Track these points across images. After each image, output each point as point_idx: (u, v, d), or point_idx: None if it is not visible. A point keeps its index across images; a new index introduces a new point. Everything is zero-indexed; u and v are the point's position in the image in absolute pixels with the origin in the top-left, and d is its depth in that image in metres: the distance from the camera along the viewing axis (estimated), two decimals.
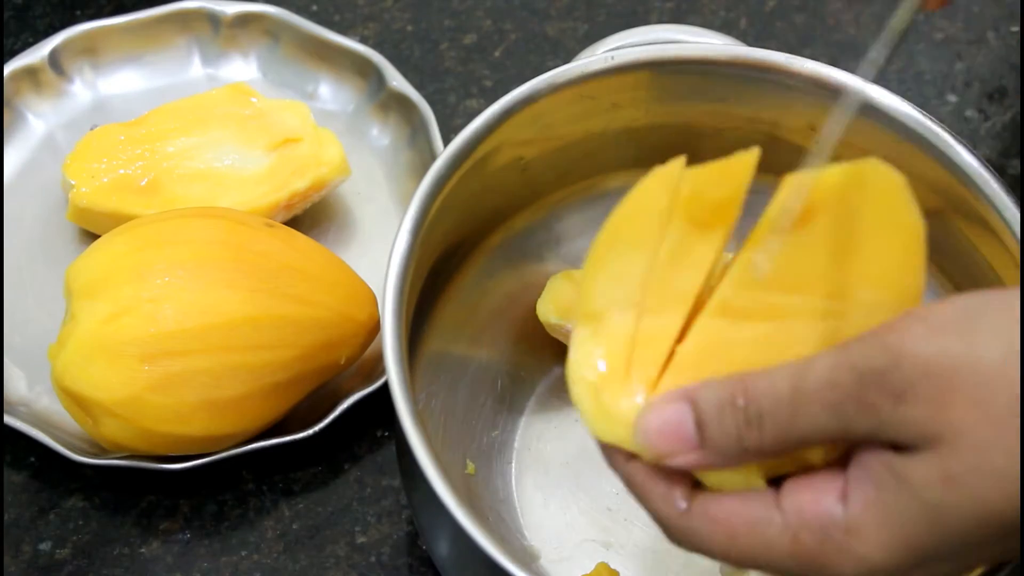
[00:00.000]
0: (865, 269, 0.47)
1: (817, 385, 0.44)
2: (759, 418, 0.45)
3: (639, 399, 0.47)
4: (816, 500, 0.45)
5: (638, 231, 0.48)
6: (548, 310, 0.68)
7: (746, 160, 0.47)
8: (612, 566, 0.64)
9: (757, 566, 0.47)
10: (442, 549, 0.60)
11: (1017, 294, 0.44)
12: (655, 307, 0.48)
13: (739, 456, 0.46)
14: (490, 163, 0.64)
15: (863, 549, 0.44)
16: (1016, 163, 0.79)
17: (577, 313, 0.48)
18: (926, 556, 0.44)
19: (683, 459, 0.46)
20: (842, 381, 0.44)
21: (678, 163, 0.47)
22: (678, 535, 0.47)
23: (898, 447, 0.44)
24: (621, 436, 0.47)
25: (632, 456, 0.47)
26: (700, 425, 0.46)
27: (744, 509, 0.46)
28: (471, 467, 0.66)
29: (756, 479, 0.46)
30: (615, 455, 0.48)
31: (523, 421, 0.69)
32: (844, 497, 0.45)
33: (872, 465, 0.44)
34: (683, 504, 0.47)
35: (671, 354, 0.48)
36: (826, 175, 0.47)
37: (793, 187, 0.47)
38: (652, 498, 0.47)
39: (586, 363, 0.48)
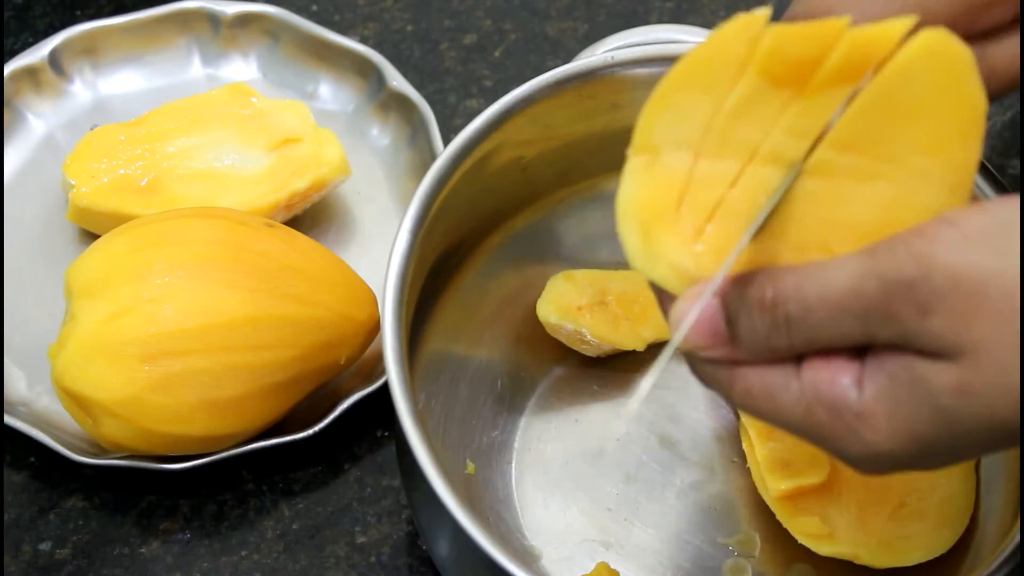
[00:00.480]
0: (922, 136, 0.46)
1: (843, 293, 0.45)
2: (787, 322, 0.46)
3: (685, 241, 0.47)
4: (833, 380, 0.46)
5: (710, 75, 0.47)
6: (548, 310, 0.68)
7: (834, 26, 0.46)
8: (612, 566, 0.64)
9: (768, 422, 0.48)
10: (442, 549, 0.60)
11: None
12: (713, 152, 0.47)
13: (768, 354, 0.47)
14: (490, 163, 0.64)
15: (870, 435, 0.45)
16: (1016, 163, 0.79)
17: (633, 143, 0.47)
18: (929, 450, 0.45)
19: (715, 352, 0.47)
20: (868, 291, 0.44)
21: (763, 13, 0.46)
22: (699, 375, 0.49)
23: (919, 351, 0.44)
24: (662, 275, 0.48)
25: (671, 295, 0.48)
26: (731, 323, 0.47)
27: (766, 372, 0.47)
28: (471, 467, 0.66)
29: None
30: (658, 291, 0.49)
31: (523, 421, 0.69)
32: (860, 382, 0.46)
33: (890, 361, 0.45)
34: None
35: (722, 200, 0.48)
36: (887, 31, 0.46)
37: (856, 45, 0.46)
38: (682, 344, 0.48)
39: (637, 196, 0.48)
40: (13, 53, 0.81)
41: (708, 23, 0.83)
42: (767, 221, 0.47)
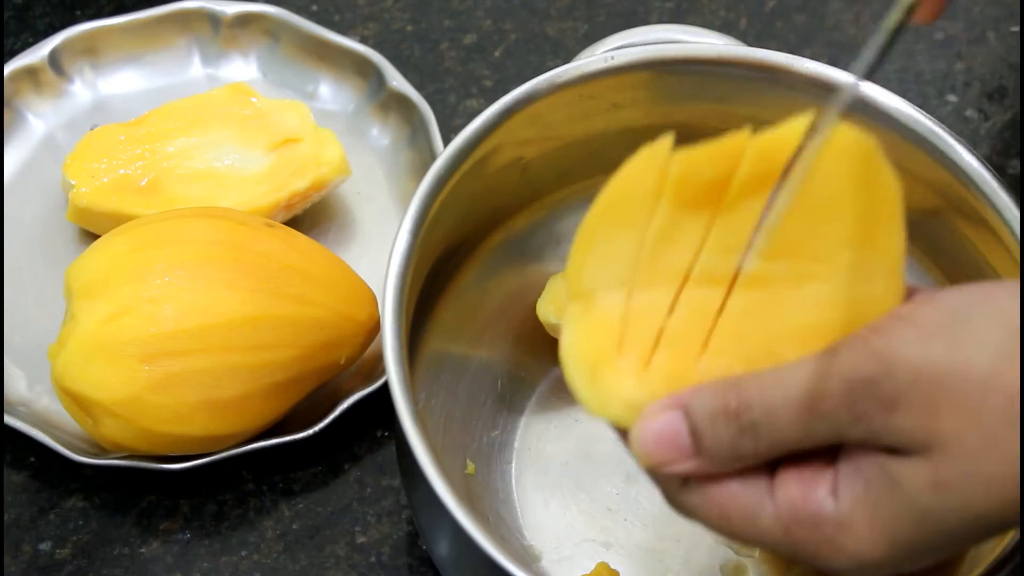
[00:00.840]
0: (845, 231, 0.47)
1: (807, 395, 0.45)
2: (753, 427, 0.46)
3: (633, 376, 0.48)
4: (807, 495, 0.46)
5: (626, 212, 0.48)
6: (548, 310, 0.68)
7: (735, 142, 0.47)
8: (612, 566, 0.64)
9: (750, 544, 0.48)
10: (442, 549, 0.60)
11: (1003, 289, 0.44)
12: (645, 284, 0.48)
13: (735, 462, 0.46)
14: (490, 163, 0.64)
15: (853, 545, 0.45)
16: (1016, 163, 0.79)
17: (568, 293, 0.48)
18: (914, 551, 0.45)
19: (680, 467, 0.47)
20: (832, 391, 0.44)
21: (665, 143, 0.47)
22: (676, 505, 0.48)
23: (889, 449, 0.44)
24: (616, 414, 0.48)
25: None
26: (695, 434, 0.46)
27: (740, 493, 0.47)
28: (471, 467, 0.66)
29: None
30: (619, 430, 0.49)
31: (523, 421, 0.69)
32: (835, 491, 0.45)
33: (863, 463, 0.45)
34: (682, 480, 0.48)
35: (662, 329, 0.48)
36: (788, 131, 0.46)
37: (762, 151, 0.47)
38: (653, 473, 0.48)
39: (579, 342, 0.48)
40: (13, 53, 0.81)
41: (708, 23, 0.83)
42: (695, 335, 0.48)
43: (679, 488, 0.48)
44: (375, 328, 0.69)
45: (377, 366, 0.71)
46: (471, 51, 0.82)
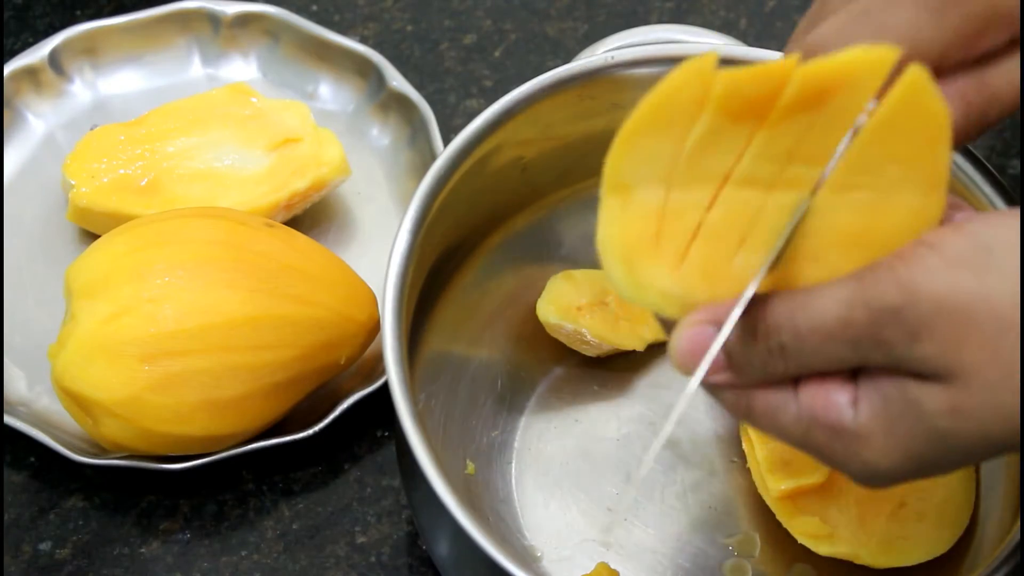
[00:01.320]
0: (893, 150, 0.47)
1: (833, 322, 0.46)
2: (781, 349, 0.47)
3: (669, 267, 0.48)
4: (829, 402, 0.47)
5: (668, 116, 0.48)
6: (548, 310, 0.68)
7: (783, 65, 0.47)
8: (612, 566, 0.64)
9: (771, 437, 0.50)
10: (442, 549, 0.60)
11: None
12: (684, 183, 0.48)
13: (765, 379, 0.48)
14: (490, 163, 0.64)
15: (868, 454, 0.47)
16: (1016, 163, 0.79)
17: (605, 185, 0.48)
18: (925, 465, 0.47)
19: (714, 378, 0.49)
20: (857, 319, 0.45)
21: (710, 58, 0.47)
22: (708, 389, 0.50)
23: (911, 373, 0.46)
24: (654, 302, 0.49)
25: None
26: (727, 350, 0.48)
27: (766, 391, 0.48)
28: (471, 467, 0.66)
29: None
30: (657, 317, 0.51)
31: (523, 421, 0.69)
32: (855, 403, 0.47)
33: (884, 382, 0.46)
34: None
35: (700, 224, 0.48)
36: (837, 62, 0.46)
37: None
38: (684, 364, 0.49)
39: (616, 233, 0.48)
40: (13, 53, 0.81)
41: (708, 23, 0.83)
42: (734, 232, 0.48)
43: (712, 372, 0.49)
44: (375, 328, 0.69)
45: (377, 366, 0.71)
46: (471, 51, 0.82)
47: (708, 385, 0.49)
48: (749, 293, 0.47)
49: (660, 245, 0.48)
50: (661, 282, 0.48)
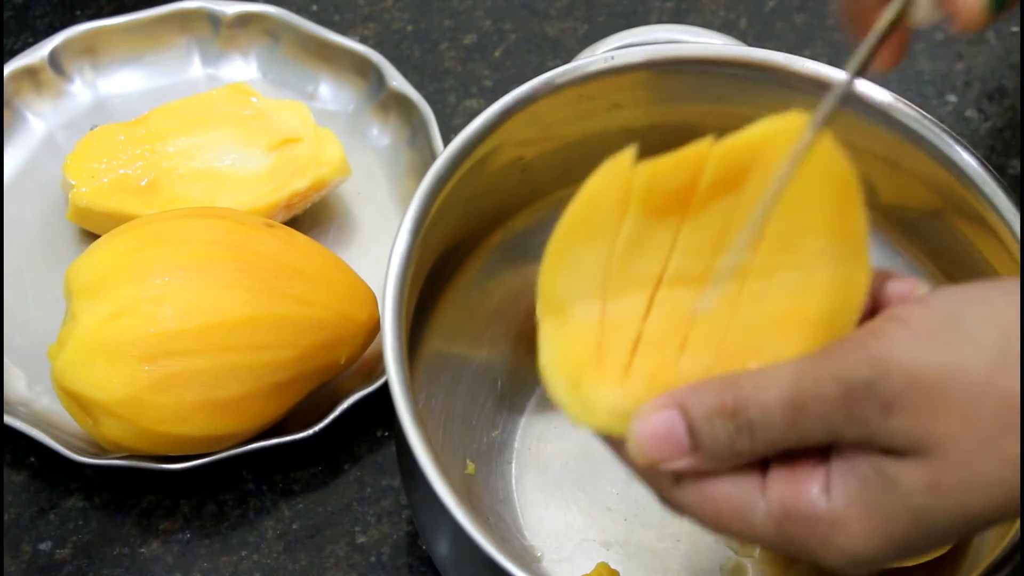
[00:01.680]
0: (807, 220, 0.47)
1: (803, 397, 0.45)
2: (749, 426, 0.46)
3: (614, 383, 0.48)
4: (799, 493, 0.46)
5: (593, 225, 0.48)
6: None
7: (698, 149, 0.47)
8: (612, 566, 0.64)
9: (744, 541, 0.48)
10: (442, 549, 0.60)
11: (995, 289, 0.45)
12: (618, 292, 0.48)
13: (732, 459, 0.47)
14: (490, 163, 0.64)
15: (846, 542, 0.46)
16: (1016, 163, 0.79)
17: (540, 308, 0.49)
18: (908, 547, 0.46)
19: (677, 464, 0.47)
20: (829, 394, 0.45)
21: (627, 155, 0.47)
22: (669, 503, 0.49)
23: (885, 450, 0.45)
24: (602, 422, 0.48)
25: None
26: (692, 432, 0.47)
27: (732, 491, 0.47)
28: (471, 467, 0.66)
29: None
30: (607, 438, 0.50)
31: (523, 421, 0.69)
32: (827, 489, 0.46)
33: (858, 462, 0.45)
34: (674, 478, 0.48)
35: (640, 334, 0.48)
36: (750, 136, 0.47)
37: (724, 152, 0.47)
38: (646, 473, 0.49)
39: (557, 356, 0.49)
40: (13, 53, 0.81)
41: (708, 23, 0.83)
42: (673, 337, 0.48)
43: (671, 486, 0.48)
44: (375, 328, 0.69)
45: (377, 366, 0.71)
46: (471, 51, 0.82)
47: (675, 494, 0.48)
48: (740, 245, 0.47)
49: (603, 362, 0.48)
50: (609, 400, 0.48)
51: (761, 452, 0.46)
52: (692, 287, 0.48)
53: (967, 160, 0.61)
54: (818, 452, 0.46)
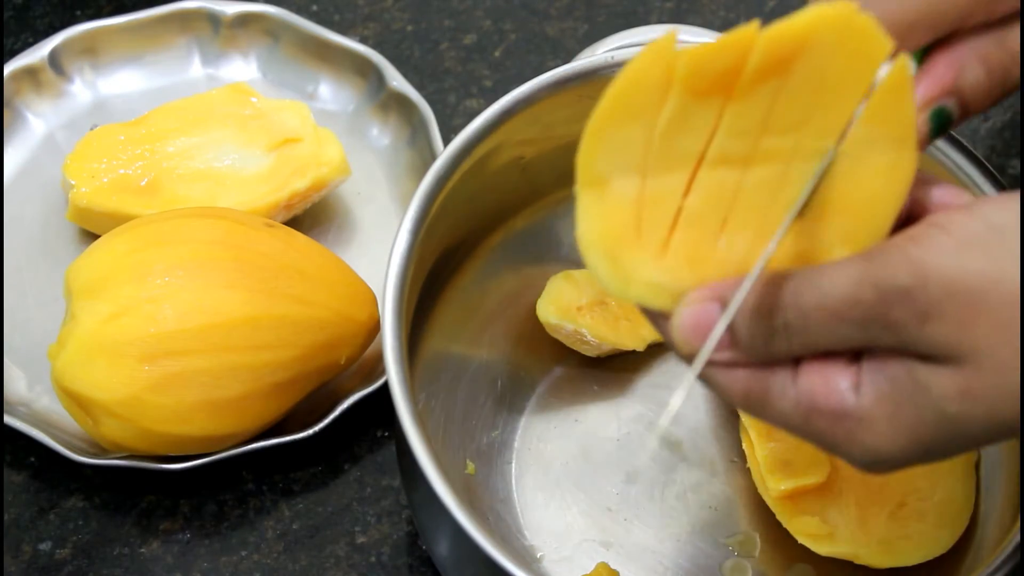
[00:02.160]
0: (854, 106, 0.47)
1: (841, 301, 0.45)
2: (786, 328, 0.46)
3: (653, 256, 0.48)
4: (829, 386, 0.46)
5: (635, 102, 0.47)
6: (548, 310, 0.68)
7: (744, 34, 0.46)
8: (612, 566, 0.64)
9: (771, 424, 0.48)
10: (442, 549, 0.60)
11: None
12: (659, 169, 0.48)
13: (768, 357, 0.47)
14: (490, 163, 0.64)
15: (871, 440, 0.46)
16: (1016, 163, 0.79)
17: (579, 180, 0.48)
18: (931, 451, 0.46)
19: (717, 356, 0.48)
20: (866, 298, 0.45)
21: (669, 39, 0.47)
22: (702, 376, 0.49)
23: (919, 356, 0.45)
24: (640, 294, 0.48)
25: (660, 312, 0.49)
26: (731, 328, 0.47)
27: (763, 376, 0.47)
28: (471, 467, 0.66)
29: None
30: (644, 309, 0.50)
31: (523, 421, 0.69)
32: (857, 386, 0.46)
33: (890, 364, 0.45)
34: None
35: (680, 210, 0.48)
36: (797, 23, 0.46)
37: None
38: (682, 346, 0.49)
39: (596, 227, 0.48)
40: (13, 53, 0.81)
41: (708, 23, 0.83)
42: (714, 214, 0.48)
43: (708, 364, 0.48)
44: (375, 328, 0.69)
45: (377, 366, 0.71)
46: (471, 51, 0.82)
47: (707, 370, 0.48)
48: (757, 269, 0.47)
49: (641, 235, 0.48)
50: (647, 273, 0.48)
51: (798, 352, 0.47)
52: (736, 167, 0.48)
53: (967, 160, 0.61)
54: (852, 352, 0.47)
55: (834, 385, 0.46)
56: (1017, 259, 0.44)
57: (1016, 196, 0.45)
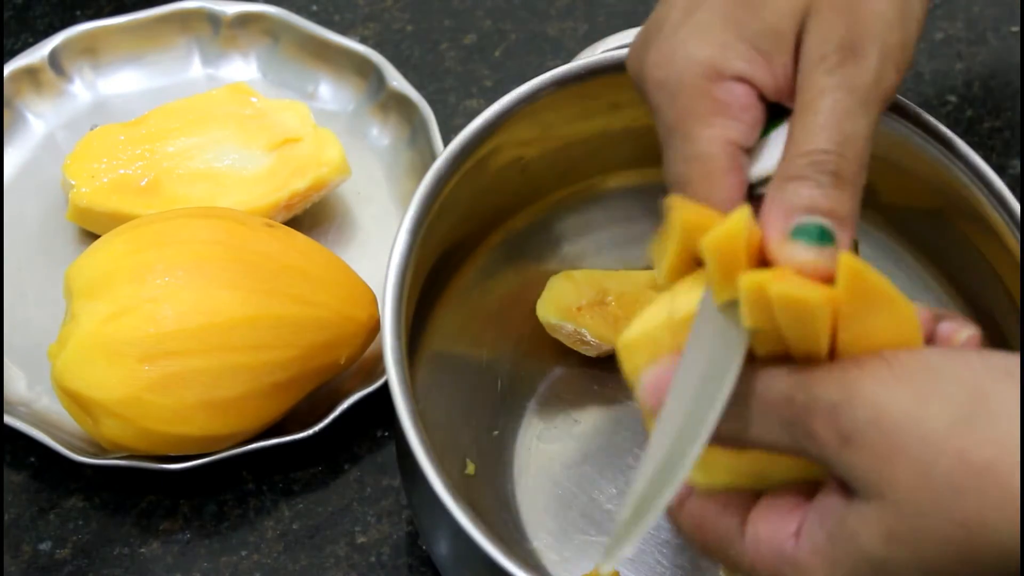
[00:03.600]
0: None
1: (775, 396, 0.46)
2: (735, 409, 0.46)
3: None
4: (773, 535, 0.47)
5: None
6: (548, 310, 0.68)
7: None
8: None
9: (727, 567, 0.50)
10: (442, 549, 0.60)
11: (988, 359, 0.45)
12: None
13: (722, 435, 0.47)
14: (490, 163, 0.64)
15: None
16: (1016, 163, 0.79)
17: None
18: None
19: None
20: (798, 401, 0.46)
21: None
22: (671, 521, 0.50)
23: (847, 486, 0.45)
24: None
25: None
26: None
27: (717, 521, 0.49)
28: (471, 467, 0.66)
29: (741, 479, 0.49)
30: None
31: (523, 421, 0.69)
32: (799, 534, 0.47)
33: (826, 512, 0.46)
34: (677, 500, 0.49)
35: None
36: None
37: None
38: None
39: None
40: (13, 53, 0.81)
41: None
42: None
43: (678, 507, 0.49)
44: (375, 328, 0.69)
45: (377, 366, 0.71)
46: (471, 51, 0.82)
47: (673, 511, 0.49)
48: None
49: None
50: None
51: (736, 435, 0.47)
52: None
53: (967, 160, 0.61)
54: (803, 494, 0.47)
55: (781, 529, 0.47)
56: (946, 405, 0.44)
57: (965, 352, 0.46)
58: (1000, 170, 0.78)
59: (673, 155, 0.51)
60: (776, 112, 0.52)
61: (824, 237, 0.47)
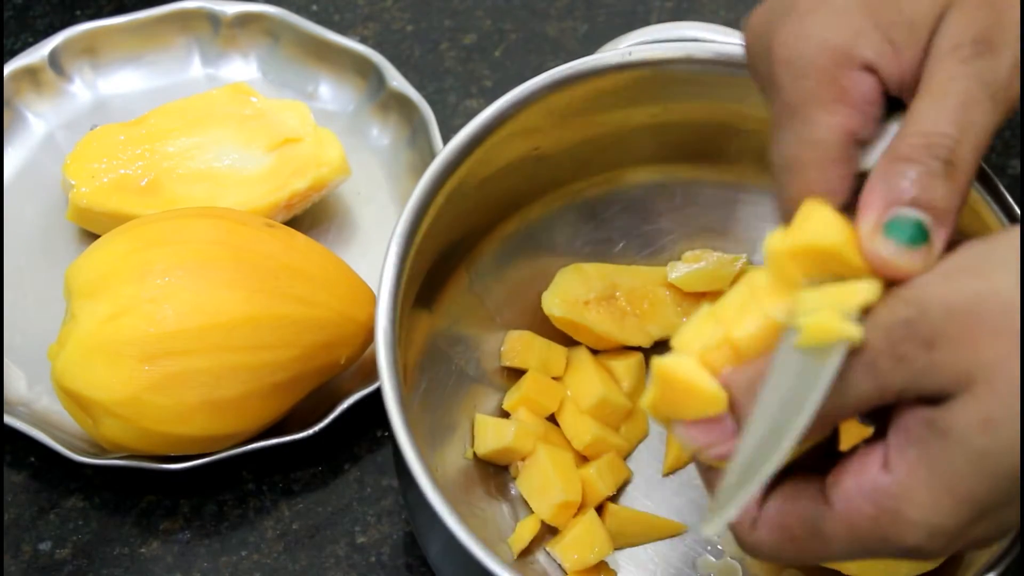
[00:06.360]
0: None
1: (859, 351, 0.45)
2: None
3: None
4: (860, 480, 0.45)
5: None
6: (553, 303, 0.68)
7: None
8: (612, 566, 0.64)
9: (828, 562, 0.48)
10: (434, 552, 0.60)
11: (1015, 231, 0.45)
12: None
13: None
14: (490, 162, 0.64)
15: (917, 513, 0.44)
16: (1016, 163, 0.79)
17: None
18: (984, 506, 0.44)
19: (723, 448, 0.46)
20: (872, 340, 0.44)
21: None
22: (748, 547, 0.48)
23: (935, 399, 0.44)
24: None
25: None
26: (734, 407, 0.46)
27: (796, 507, 0.47)
28: (470, 452, 0.66)
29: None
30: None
31: None
32: (887, 465, 0.45)
33: (910, 425, 0.45)
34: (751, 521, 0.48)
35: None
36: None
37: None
38: (734, 533, 0.48)
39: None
40: (13, 53, 0.81)
41: (707, 22, 0.83)
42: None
43: (748, 530, 0.48)
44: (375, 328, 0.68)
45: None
46: (471, 51, 0.82)
47: (745, 536, 0.48)
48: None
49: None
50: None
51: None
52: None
53: None
54: (872, 440, 0.46)
55: (864, 475, 0.45)
56: (1008, 272, 0.44)
57: (997, 233, 0.46)
58: (1000, 170, 0.78)
59: (788, 136, 0.50)
60: (890, 108, 0.51)
61: (917, 237, 0.46)
